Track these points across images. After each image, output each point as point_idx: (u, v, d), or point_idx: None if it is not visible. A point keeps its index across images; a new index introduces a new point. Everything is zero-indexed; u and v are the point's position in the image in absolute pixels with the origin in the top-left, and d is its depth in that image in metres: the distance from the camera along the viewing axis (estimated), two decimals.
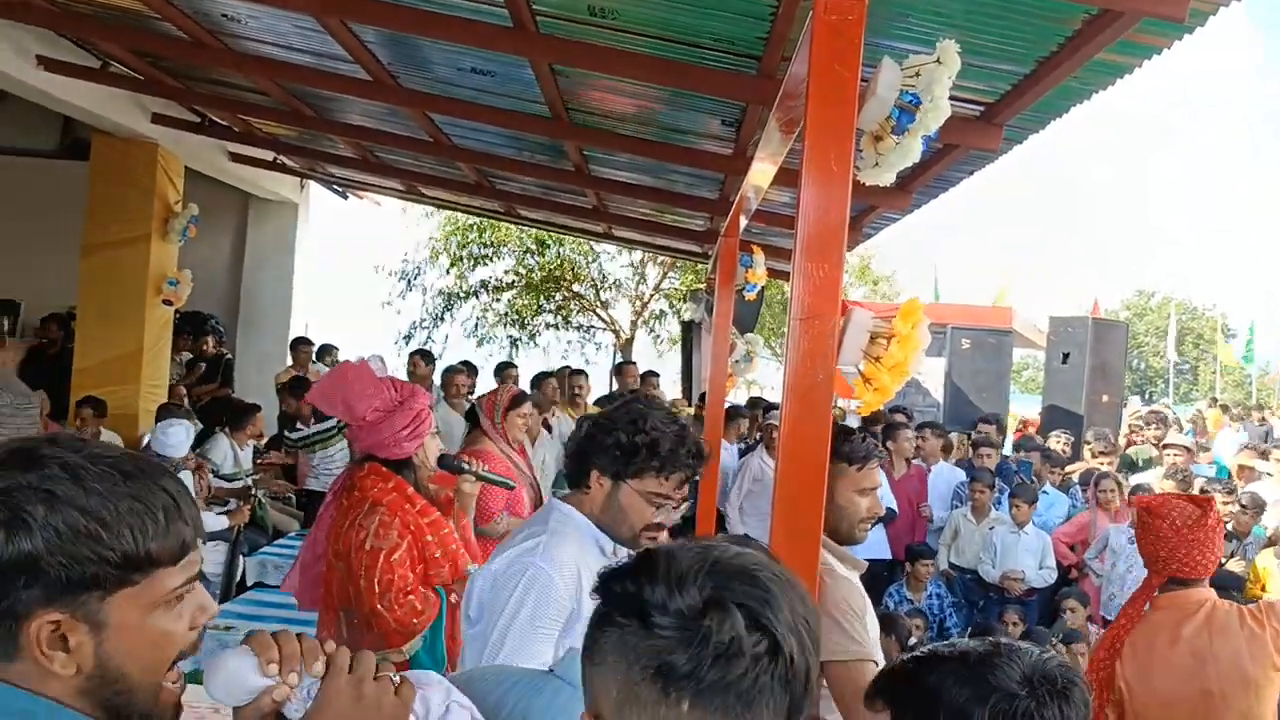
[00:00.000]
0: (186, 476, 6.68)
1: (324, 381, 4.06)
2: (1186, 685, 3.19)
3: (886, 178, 2.69)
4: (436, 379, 9.75)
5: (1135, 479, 8.83)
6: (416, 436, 3.76)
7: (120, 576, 1.23)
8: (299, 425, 8.64)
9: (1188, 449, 9.33)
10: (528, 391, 6.04)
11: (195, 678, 1.41)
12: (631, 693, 1.09)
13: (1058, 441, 9.56)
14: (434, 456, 3.90)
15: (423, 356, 10.40)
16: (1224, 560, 6.65)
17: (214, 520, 6.85)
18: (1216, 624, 3.22)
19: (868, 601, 2.90)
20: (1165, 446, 9.24)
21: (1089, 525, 7.82)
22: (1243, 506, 7.33)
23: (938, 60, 2.60)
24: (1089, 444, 9.30)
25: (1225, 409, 16.03)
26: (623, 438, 2.61)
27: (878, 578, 7.38)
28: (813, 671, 1.11)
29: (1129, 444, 10.48)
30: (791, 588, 1.12)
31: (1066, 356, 11.09)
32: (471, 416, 5.85)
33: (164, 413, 7.74)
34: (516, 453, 5.79)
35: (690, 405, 10.84)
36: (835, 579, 2.78)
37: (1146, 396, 33.39)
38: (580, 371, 10.02)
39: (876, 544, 7.53)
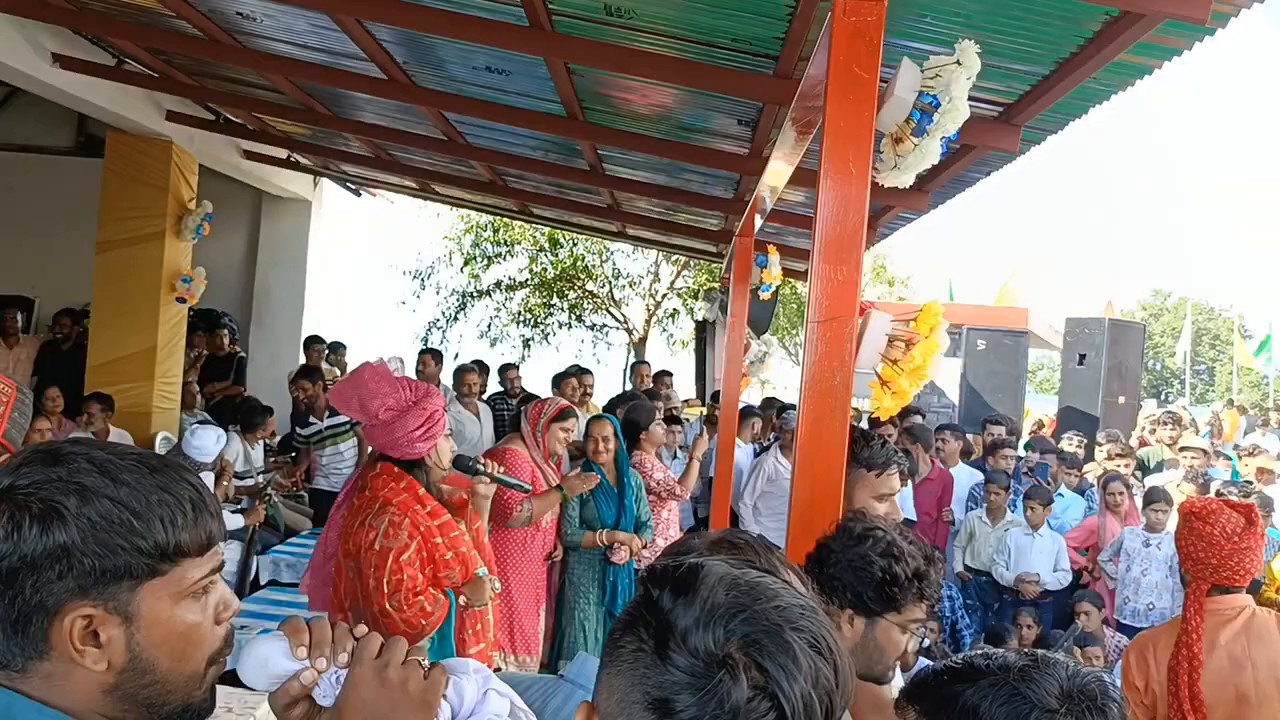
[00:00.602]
0: (209, 478, 6.78)
1: (342, 382, 4.06)
2: (1222, 690, 3.18)
3: (905, 180, 2.67)
4: (447, 379, 9.74)
5: (1150, 480, 8.77)
6: (429, 437, 3.74)
7: (151, 566, 1.25)
8: (312, 420, 8.62)
9: (1204, 451, 9.26)
10: (575, 409, 6.04)
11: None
12: (628, 710, 1.08)
13: (1069, 443, 9.50)
14: (447, 458, 3.89)
15: (432, 355, 10.41)
16: None
17: (230, 520, 6.90)
18: (1255, 630, 3.21)
19: None
20: (1183, 450, 9.16)
21: (1097, 529, 7.76)
22: None
23: (957, 61, 2.58)
24: (1102, 445, 9.23)
25: (1243, 410, 15.95)
26: (896, 571, 2.26)
27: None
28: None
29: (1142, 444, 10.42)
30: (826, 654, 1.08)
31: (1083, 358, 11.04)
32: (515, 418, 5.88)
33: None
34: (551, 466, 5.80)
35: (703, 404, 10.83)
36: None
37: (1163, 398, 33.24)
38: (586, 370, 10.02)
39: None
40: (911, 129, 2.57)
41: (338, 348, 11.78)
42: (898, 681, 2.75)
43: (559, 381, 9.40)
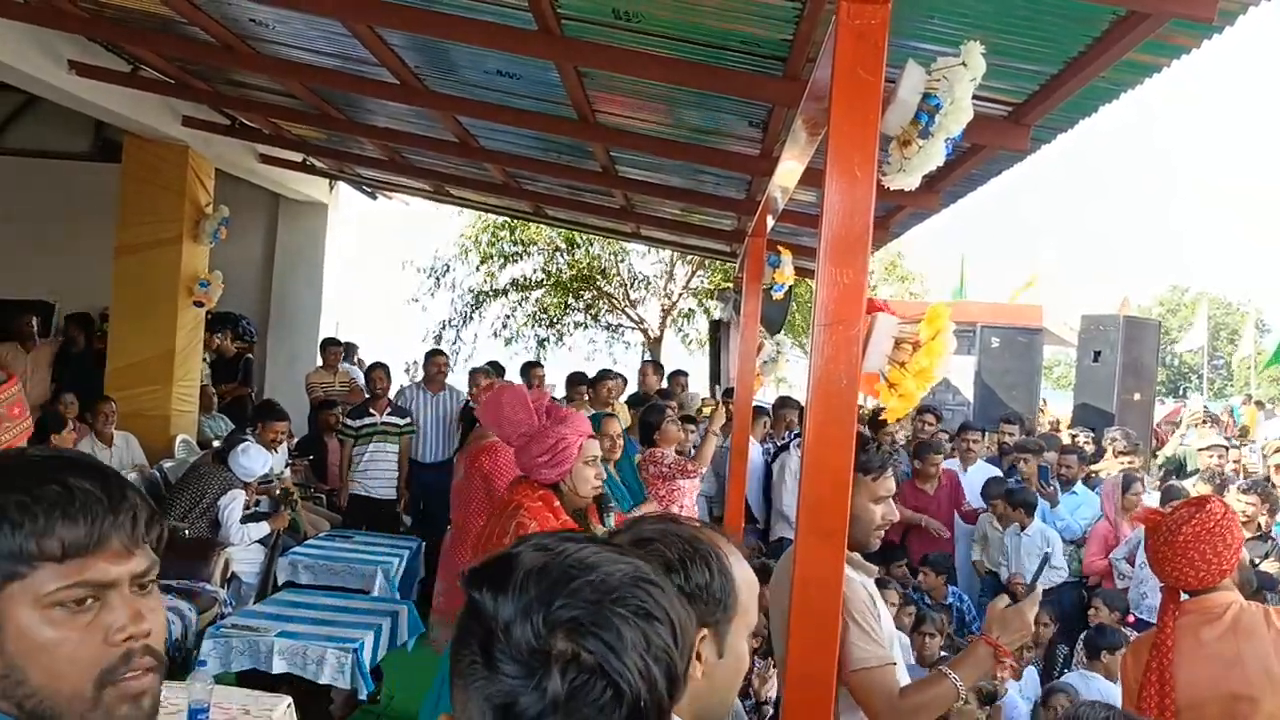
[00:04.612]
0: (239, 495, 6.87)
1: (486, 402, 4.09)
2: (1213, 689, 3.15)
3: (911, 181, 2.68)
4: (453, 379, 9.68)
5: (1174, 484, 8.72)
6: (555, 464, 3.75)
7: (8, 569, 1.19)
8: (371, 411, 8.57)
9: (1226, 448, 9.18)
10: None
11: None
12: None
13: (1076, 440, 9.44)
14: (586, 487, 3.85)
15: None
16: (1258, 561, 6.56)
17: (257, 530, 7.01)
18: (1243, 627, 3.18)
19: (879, 599, 3.00)
20: (1204, 449, 9.08)
21: (1104, 534, 7.71)
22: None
23: (963, 62, 2.58)
24: (1114, 440, 9.17)
25: (1260, 405, 15.85)
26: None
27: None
28: (665, 705, 1.07)
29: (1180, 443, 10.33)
30: (658, 616, 1.08)
31: (1098, 355, 11.00)
32: (469, 417, 5.85)
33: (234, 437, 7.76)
34: None
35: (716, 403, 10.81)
36: (852, 585, 2.82)
37: (1181, 393, 33.07)
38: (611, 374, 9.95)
39: None
40: (917, 131, 2.58)
41: (353, 349, 11.78)
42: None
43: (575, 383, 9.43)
